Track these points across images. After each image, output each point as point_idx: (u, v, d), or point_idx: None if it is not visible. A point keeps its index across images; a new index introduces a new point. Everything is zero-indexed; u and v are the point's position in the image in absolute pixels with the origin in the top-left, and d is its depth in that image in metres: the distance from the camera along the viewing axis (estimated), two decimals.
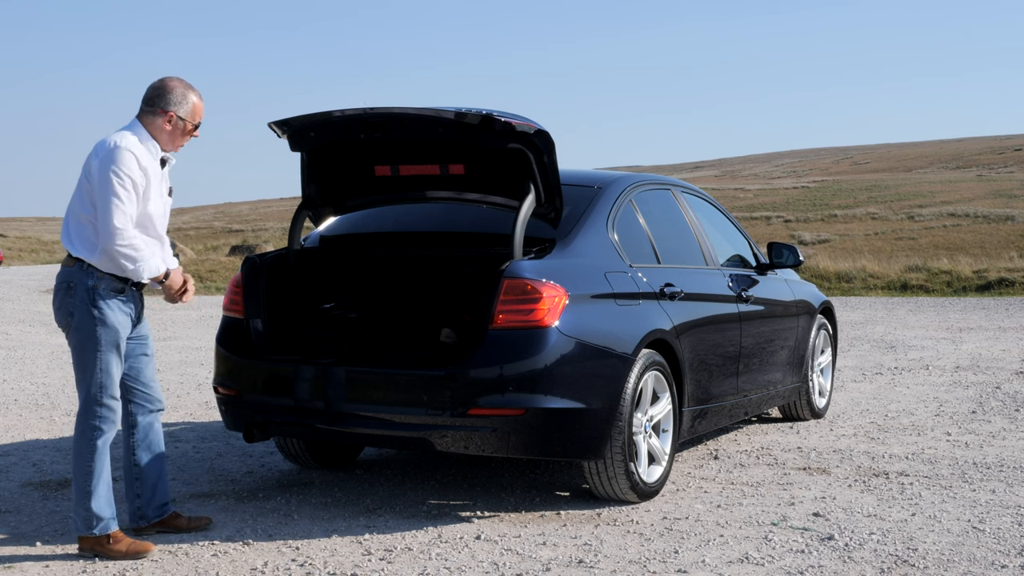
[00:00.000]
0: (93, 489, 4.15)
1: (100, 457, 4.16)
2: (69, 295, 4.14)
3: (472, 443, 4.52)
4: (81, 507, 4.15)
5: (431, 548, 4.26)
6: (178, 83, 4.26)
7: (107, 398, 4.16)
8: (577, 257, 4.89)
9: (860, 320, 15.27)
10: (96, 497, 4.15)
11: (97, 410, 4.15)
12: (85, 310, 4.11)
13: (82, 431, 4.15)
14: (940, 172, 61.29)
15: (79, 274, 4.12)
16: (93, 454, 4.15)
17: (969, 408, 7.69)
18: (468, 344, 4.56)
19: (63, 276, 4.17)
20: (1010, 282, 20.38)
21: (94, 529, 4.15)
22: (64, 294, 4.16)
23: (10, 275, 30.62)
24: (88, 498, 4.15)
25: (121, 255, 4.03)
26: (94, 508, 4.14)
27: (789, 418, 7.26)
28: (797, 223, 37.64)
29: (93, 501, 4.14)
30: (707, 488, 5.30)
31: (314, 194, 5.27)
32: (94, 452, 4.15)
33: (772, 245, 6.84)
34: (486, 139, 4.72)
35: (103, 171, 4.02)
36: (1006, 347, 11.59)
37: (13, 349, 11.97)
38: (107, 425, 4.17)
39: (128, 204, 4.03)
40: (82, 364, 4.15)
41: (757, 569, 4.02)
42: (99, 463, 4.16)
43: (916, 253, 26.84)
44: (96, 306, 4.11)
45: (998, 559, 4.14)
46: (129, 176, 4.03)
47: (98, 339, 4.12)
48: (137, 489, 4.46)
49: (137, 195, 4.07)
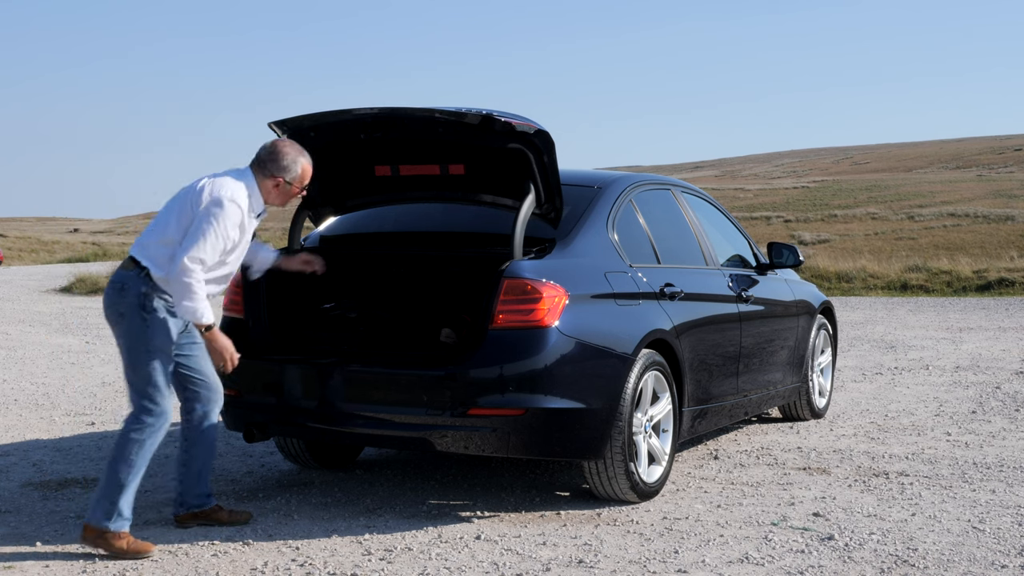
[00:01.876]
0: (128, 484, 4.22)
1: (144, 454, 4.25)
2: (122, 296, 4.24)
3: (472, 443, 4.52)
4: (107, 499, 4.20)
5: (431, 548, 4.26)
6: (290, 149, 4.45)
7: (159, 397, 4.25)
8: (577, 257, 4.89)
9: (860, 320, 15.26)
10: (127, 493, 4.22)
11: (150, 408, 4.25)
12: (136, 313, 4.23)
13: (132, 427, 4.24)
14: (940, 172, 61.29)
15: (135, 279, 4.23)
16: (140, 450, 4.24)
17: (969, 408, 7.69)
18: (468, 344, 4.56)
19: (119, 277, 4.28)
20: (1010, 282, 20.37)
21: (110, 523, 4.18)
22: (117, 294, 4.26)
23: (10, 275, 30.62)
24: (120, 492, 4.21)
25: (181, 285, 4.15)
26: (121, 503, 4.21)
27: (789, 418, 7.26)
28: (797, 223, 37.64)
29: (124, 496, 4.21)
30: (707, 488, 5.30)
31: (314, 194, 5.27)
32: (141, 447, 4.24)
33: (772, 245, 6.84)
34: (486, 139, 4.72)
35: (208, 213, 4.19)
36: (1006, 347, 11.59)
37: (13, 349, 11.97)
38: (158, 423, 4.27)
39: (212, 252, 4.20)
40: (133, 364, 4.25)
41: (757, 569, 4.02)
42: (141, 460, 4.25)
43: (916, 253, 26.83)
44: (146, 310, 4.23)
45: (998, 559, 4.14)
46: (227, 231, 4.22)
47: (148, 340, 4.24)
48: (182, 475, 4.54)
49: (225, 248, 4.25)
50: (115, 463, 4.21)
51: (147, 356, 4.24)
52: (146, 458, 4.25)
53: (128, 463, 4.21)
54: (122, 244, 51.54)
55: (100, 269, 27.96)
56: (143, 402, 4.25)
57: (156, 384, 4.25)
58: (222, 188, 4.25)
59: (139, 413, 4.25)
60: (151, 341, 4.24)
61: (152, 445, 4.26)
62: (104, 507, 4.18)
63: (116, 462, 4.21)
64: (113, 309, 4.28)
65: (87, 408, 7.81)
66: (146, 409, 4.25)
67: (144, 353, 4.24)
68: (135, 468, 4.22)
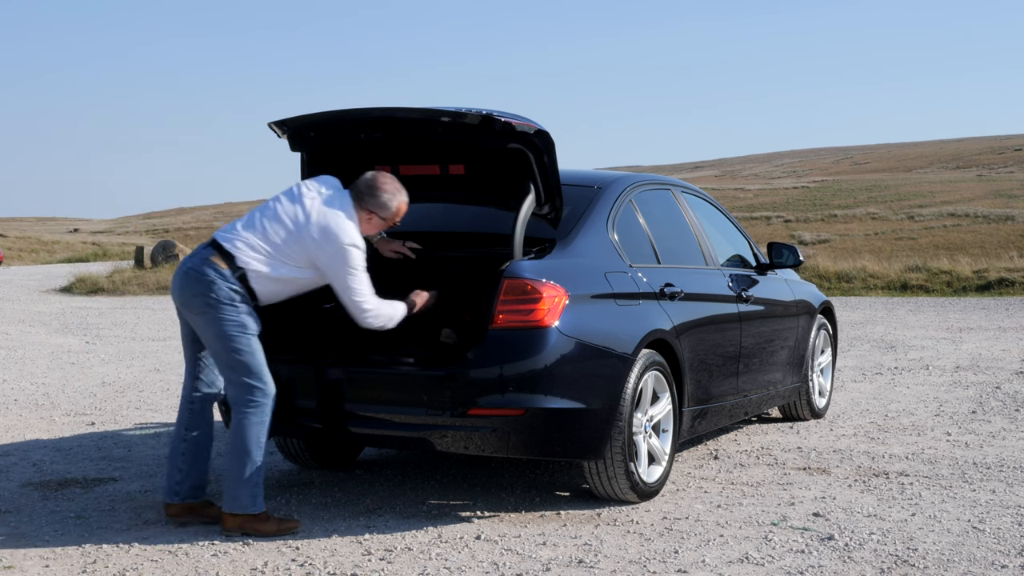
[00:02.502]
0: (261, 464, 4.39)
1: (266, 431, 4.41)
2: (211, 289, 4.35)
3: (472, 443, 4.52)
4: (250, 483, 4.36)
5: (431, 548, 4.26)
6: (389, 185, 4.59)
7: (264, 375, 4.41)
8: (577, 257, 4.89)
9: (860, 320, 15.26)
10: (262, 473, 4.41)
11: (259, 386, 4.39)
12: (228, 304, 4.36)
13: (246, 412, 4.37)
14: (940, 172, 61.28)
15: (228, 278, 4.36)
16: (263, 427, 4.39)
17: (969, 408, 7.69)
18: (468, 344, 4.56)
19: (211, 269, 4.36)
20: (1010, 282, 20.37)
21: (257, 507, 4.37)
22: (205, 286, 4.35)
23: (10, 275, 30.62)
24: (259, 474, 4.39)
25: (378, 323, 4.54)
26: (260, 485, 4.39)
27: (789, 418, 7.26)
28: (797, 223, 37.63)
29: (261, 478, 4.40)
30: (707, 488, 5.30)
31: None
32: (263, 426, 4.39)
33: (772, 245, 6.84)
34: (486, 139, 4.72)
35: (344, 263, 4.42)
36: (1006, 347, 11.59)
37: (13, 349, 11.97)
38: (268, 400, 4.42)
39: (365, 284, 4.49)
40: (231, 349, 4.37)
41: (757, 569, 4.02)
42: (265, 437, 4.41)
43: (916, 253, 26.82)
44: (235, 301, 4.39)
45: (998, 559, 4.14)
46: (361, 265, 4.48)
47: (244, 325, 4.39)
48: (180, 463, 4.58)
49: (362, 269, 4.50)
50: (248, 449, 4.36)
51: (244, 339, 4.38)
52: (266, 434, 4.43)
53: (259, 444, 4.38)
54: (122, 244, 51.55)
55: (100, 269, 27.98)
56: (251, 382, 4.38)
57: (259, 363, 4.40)
58: (341, 232, 4.41)
59: (251, 395, 4.38)
60: (247, 326, 4.39)
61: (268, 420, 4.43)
62: (248, 492, 4.36)
63: (250, 448, 4.36)
64: (200, 299, 4.37)
65: (87, 408, 7.81)
66: (255, 388, 4.39)
67: (242, 337, 4.37)
68: (264, 446, 4.42)
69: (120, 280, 23.69)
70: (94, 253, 45.27)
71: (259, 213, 4.51)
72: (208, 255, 4.41)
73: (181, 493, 4.58)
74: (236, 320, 4.37)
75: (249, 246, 4.42)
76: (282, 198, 4.53)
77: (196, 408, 4.60)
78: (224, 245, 4.41)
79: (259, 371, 4.41)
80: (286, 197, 4.53)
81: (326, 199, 4.50)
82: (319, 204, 4.46)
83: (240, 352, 4.37)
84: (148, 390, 8.79)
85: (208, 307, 4.36)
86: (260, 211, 4.52)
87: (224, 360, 4.41)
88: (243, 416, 4.39)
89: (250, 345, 4.40)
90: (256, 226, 4.46)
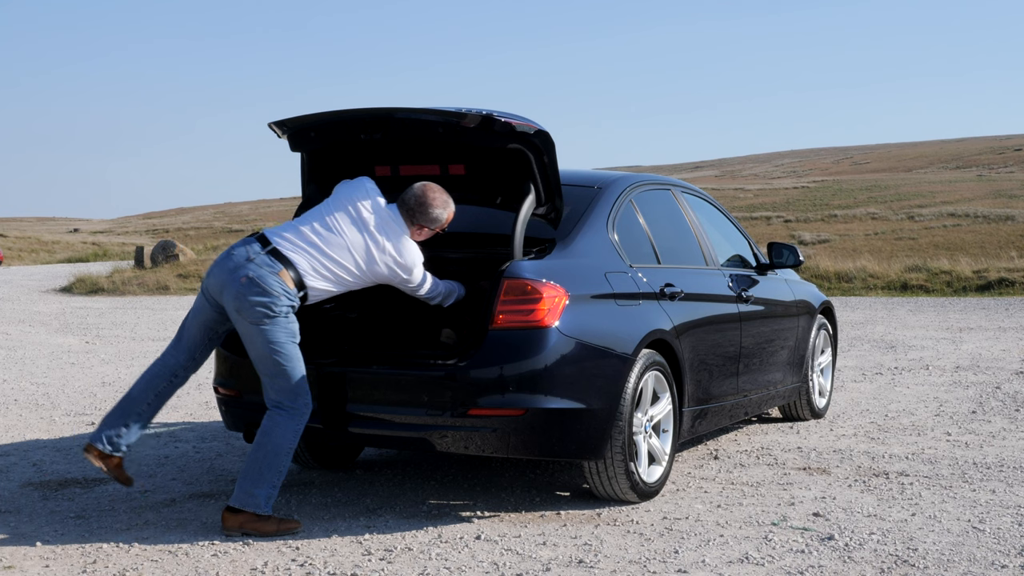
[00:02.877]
0: (284, 471, 4.45)
1: (297, 440, 4.49)
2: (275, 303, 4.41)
3: (472, 443, 4.52)
4: (268, 484, 4.41)
5: (431, 548, 4.26)
6: (437, 199, 4.69)
7: (304, 387, 4.48)
8: (577, 257, 4.89)
9: (860, 320, 15.27)
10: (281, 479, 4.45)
11: (301, 397, 4.46)
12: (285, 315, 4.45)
13: (285, 417, 4.43)
14: (940, 172, 61.26)
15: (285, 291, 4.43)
16: (296, 436, 4.46)
17: (969, 408, 7.70)
18: (468, 344, 4.56)
19: (278, 284, 4.43)
20: (1010, 282, 20.36)
21: (267, 508, 4.40)
22: (270, 299, 4.40)
23: (10, 275, 30.62)
24: (279, 477, 4.43)
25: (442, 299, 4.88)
26: (276, 488, 4.44)
27: (789, 418, 7.26)
28: (797, 223, 37.61)
29: (280, 482, 4.44)
30: (707, 488, 5.30)
31: (314, 194, 5.27)
32: (297, 434, 4.46)
33: (772, 245, 6.84)
34: (486, 139, 4.72)
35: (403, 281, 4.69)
36: (1006, 347, 11.59)
37: (13, 349, 11.98)
38: (307, 411, 4.49)
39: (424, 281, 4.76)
40: (282, 358, 4.43)
41: (757, 569, 4.02)
42: (295, 445, 4.49)
43: (916, 253, 26.80)
44: (292, 312, 4.49)
45: (998, 559, 4.14)
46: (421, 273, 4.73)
47: (294, 334, 4.48)
48: (126, 420, 4.58)
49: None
50: (275, 452, 4.42)
51: (293, 348, 4.46)
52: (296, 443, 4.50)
53: (287, 452, 4.45)
54: (122, 244, 51.55)
55: (100, 269, 27.98)
56: (296, 390, 4.45)
57: (303, 373, 4.48)
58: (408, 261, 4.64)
59: (291, 402, 4.45)
60: (295, 335, 4.49)
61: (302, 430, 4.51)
62: (264, 494, 4.41)
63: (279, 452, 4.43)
64: (260, 310, 4.41)
65: (87, 408, 7.81)
66: (298, 397, 4.46)
67: (291, 346, 4.46)
68: (290, 457, 4.48)
69: (120, 280, 23.70)
70: (94, 253, 45.26)
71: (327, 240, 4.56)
72: (275, 269, 4.45)
73: (114, 445, 4.55)
74: (288, 330, 4.46)
75: (318, 273, 4.53)
76: (340, 221, 4.59)
77: (177, 382, 4.66)
78: (294, 264, 4.48)
79: (303, 381, 4.47)
80: (347, 220, 4.60)
81: (385, 225, 4.62)
82: (383, 235, 4.60)
83: (289, 361, 4.44)
84: None
85: (267, 319, 4.42)
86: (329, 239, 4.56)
87: (271, 368, 4.44)
88: (281, 418, 4.44)
89: (297, 354, 4.48)
90: (329, 256, 4.54)
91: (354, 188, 4.71)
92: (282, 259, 4.47)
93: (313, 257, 4.53)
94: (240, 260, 4.47)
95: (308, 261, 4.51)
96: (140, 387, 4.64)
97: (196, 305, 4.66)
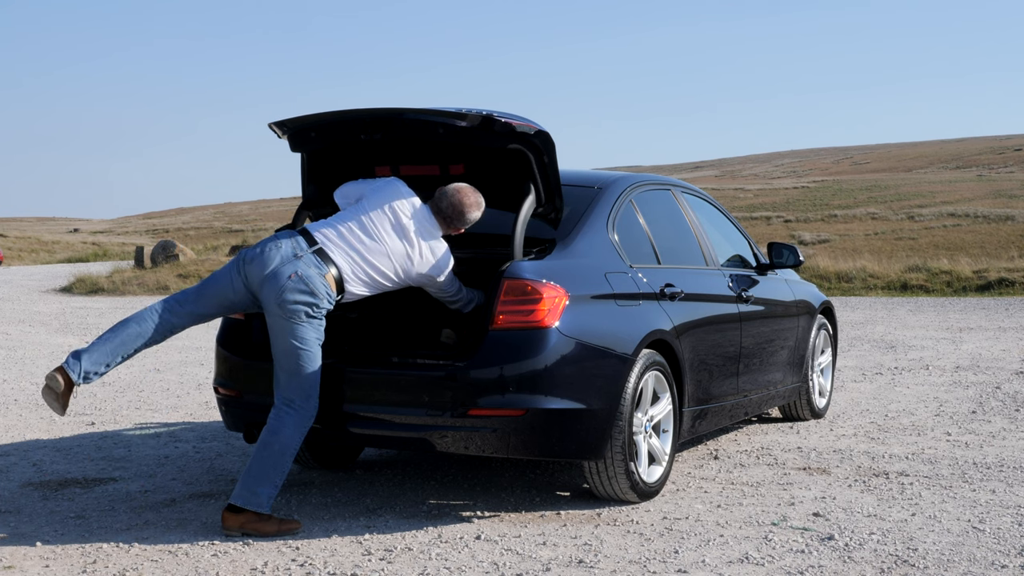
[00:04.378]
0: (286, 471, 4.46)
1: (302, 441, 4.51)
2: (317, 304, 4.43)
3: (472, 443, 4.52)
4: (271, 484, 4.41)
5: (431, 548, 4.26)
6: (471, 202, 4.73)
7: (316, 390, 4.50)
8: (577, 258, 4.89)
9: (860, 320, 15.27)
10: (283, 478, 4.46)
11: (312, 398, 4.48)
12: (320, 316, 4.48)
13: (294, 416, 4.44)
14: (940, 172, 61.25)
15: (328, 294, 4.47)
16: (302, 436, 4.48)
17: (969, 408, 7.70)
18: (468, 345, 4.56)
19: (323, 286, 4.46)
20: (1010, 282, 20.37)
21: (267, 507, 4.41)
22: (313, 298, 4.43)
23: (10, 275, 30.62)
24: (281, 477, 4.44)
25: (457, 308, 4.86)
26: (278, 488, 4.44)
27: (789, 418, 7.26)
28: (797, 223, 37.62)
29: (282, 482, 4.46)
30: (707, 488, 5.30)
31: (314, 194, 5.28)
32: (302, 435, 4.48)
33: (772, 245, 6.84)
34: (486, 140, 4.72)
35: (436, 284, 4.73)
36: (1006, 347, 11.59)
37: (13, 349, 11.97)
38: (314, 414, 4.52)
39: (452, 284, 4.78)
40: (304, 357, 4.44)
41: (757, 569, 4.02)
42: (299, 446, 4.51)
43: (916, 253, 26.81)
44: (321, 318, 4.50)
45: (998, 559, 4.14)
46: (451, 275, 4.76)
47: (321, 336, 4.50)
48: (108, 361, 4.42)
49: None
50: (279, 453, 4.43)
51: (318, 351, 4.49)
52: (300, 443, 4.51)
53: (291, 452, 4.44)
54: (122, 244, 51.56)
55: (100, 269, 27.98)
56: (310, 391, 4.47)
57: (317, 378, 4.49)
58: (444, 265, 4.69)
59: (303, 402, 4.46)
60: (322, 337, 4.53)
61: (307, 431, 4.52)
62: (266, 493, 4.41)
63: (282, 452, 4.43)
64: (302, 309, 4.43)
65: (87, 408, 7.81)
66: (310, 398, 4.47)
67: (316, 347, 4.48)
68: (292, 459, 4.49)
69: (120, 280, 23.69)
70: (94, 253, 45.27)
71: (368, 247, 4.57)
72: (323, 271, 4.48)
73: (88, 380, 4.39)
74: (318, 331, 4.49)
75: (358, 278, 4.57)
76: (380, 226, 4.61)
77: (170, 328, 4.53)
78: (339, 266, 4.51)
79: (316, 384, 4.50)
80: (387, 225, 4.62)
81: (423, 230, 4.66)
82: (421, 239, 4.64)
83: (311, 362, 4.46)
84: (148, 390, 8.79)
85: (307, 318, 4.44)
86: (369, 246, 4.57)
87: (292, 364, 4.45)
88: (288, 417, 4.45)
89: (319, 355, 4.51)
90: (370, 263, 4.58)
91: (391, 190, 4.72)
92: (328, 260, 4.50)
93: (355, 263, 4.55)
94: (288, 255, 4.46)
95: (350, 266, 4.54)
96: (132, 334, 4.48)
97: (222, 282, 4.54)
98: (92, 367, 4.41)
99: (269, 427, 4.45)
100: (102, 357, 4.44)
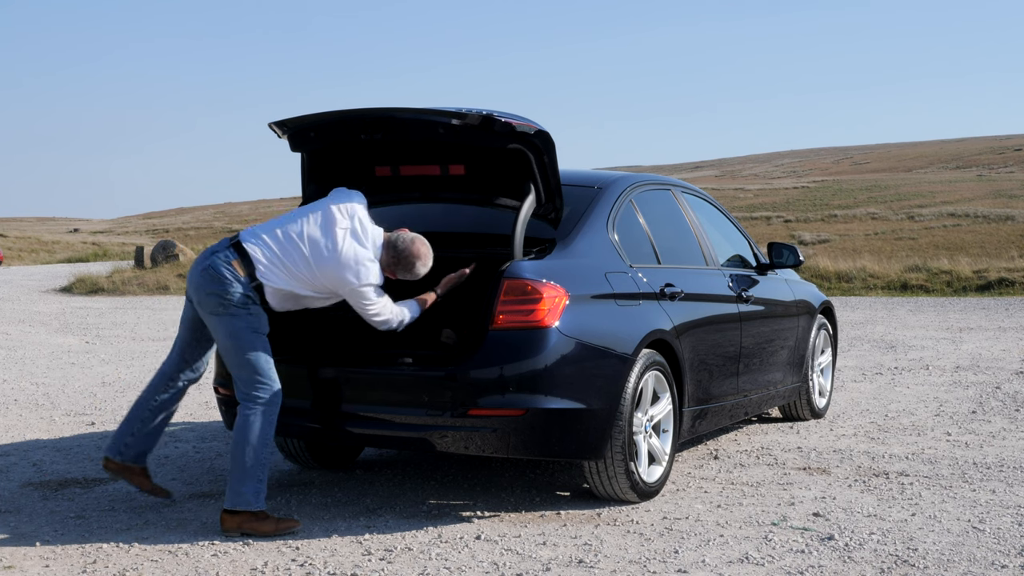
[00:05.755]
0: (267, 463, 4.45)
1: (273, 429, 4.49)
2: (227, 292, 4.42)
3: (472, 443, 4.52)
4: (254, 479, 4.40)
5: (431, 548, 4.26)
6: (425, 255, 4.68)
7: (270, 376, 4.47)
8: (577, 257, 4.89)
9: (860, 320, 15.27)
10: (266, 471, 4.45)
11: (266, 385, 4.45)
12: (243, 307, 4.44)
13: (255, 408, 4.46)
14: (940, 172, 61.23)
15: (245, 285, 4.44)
16: (270, 426, 4.46)
17: (969, 408, 7.70)
18: (468, 344, 4.56)
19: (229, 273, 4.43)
20: (1010, 282, 20.36)
21: (259, 504, 4.40)
22: (222, 288, 4.42)
23: (10, 275, 30.61)
24: (263, 471, 4.43)
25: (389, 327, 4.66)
26: (264, 482, 4.43)
27: (789, 418, 7.26)
28: (797, 223, 37.61)
29: (266, 475, 4.45)
30: (707, 488, 5.30)
31: (314, 194, 5.27)
32: (271, 424, 4.46)
33: (772, 245, 6.84)
34: (486, 140, 4.72)
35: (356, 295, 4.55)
36: (1006, 347, 11.59)
37: (13, 349, 11.97)
38: (276, 399, 4.48)
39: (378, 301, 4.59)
40: (242, 349, 4.45)
41: (757, 569, 4.02)
42: (272, 435, 4.48)
43: (916, 253, 26.80)
44: (251, 303, 4.47)
45: (998, 559, 4.14)
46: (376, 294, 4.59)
47: (258, 326, 4.48)
48: (135, 428, 4.70)
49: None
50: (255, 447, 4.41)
51: (255, 340, 4.46)
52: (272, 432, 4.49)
53: (266, 443, 4.43)
54: (122, 244, 51.55)
55: (100, 269, 27.97)
56: (261, 380, 4.44)
57: (267, 363, 4.46)
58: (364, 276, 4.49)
59: (258, 393, 4.44)
60: (258, 328, 4.48)
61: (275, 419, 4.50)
62: (252, 489, 4.39)
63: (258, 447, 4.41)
64: (215, 299, 4.43)
65: (87, 408, 7.81)
66: (264, 386, 4.45)
67: (253, 337, 4.45)
68: (270, 448, 4.48)
69: (120, 280, 23.69)
70: (94, 253, 45.24)
71: (287, 232, 4.53)
72: (230, 259, 4.46)
73: (125, 454, 4.70)
74: (248, 322, 4.45)
75: (272, 263, 4.48)
76: (311, 221, 4.55)
77: (174, 387, 4.74)
78: (249, 254, 4.46)
79: (267, 370, 4.47)
80: (316, 222, 4.55)
81: (355, 235, 4.54)
82: (349, 242, 4.50)
83: (250, 352, 4.44)
84: None
85: (222, 307, 4.43)
86: (288, 229, 4.54)
87: (234, 359, 4.46)
88: (251, 413, 4.44)
89: (260, 345, 4.47)
90: (283, 246, 4.50)
91: (342, 194, 4.70)
92: (241, 253, 4.49)
93: (267, 245, 4.50)
94: (206, 255, 4.53)
95: (262, 250, 4.49)
96: (143, 394, 4.77)
97: (184, 306, 4.73)
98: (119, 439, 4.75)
99: (236, 426, 4.46)
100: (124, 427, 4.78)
